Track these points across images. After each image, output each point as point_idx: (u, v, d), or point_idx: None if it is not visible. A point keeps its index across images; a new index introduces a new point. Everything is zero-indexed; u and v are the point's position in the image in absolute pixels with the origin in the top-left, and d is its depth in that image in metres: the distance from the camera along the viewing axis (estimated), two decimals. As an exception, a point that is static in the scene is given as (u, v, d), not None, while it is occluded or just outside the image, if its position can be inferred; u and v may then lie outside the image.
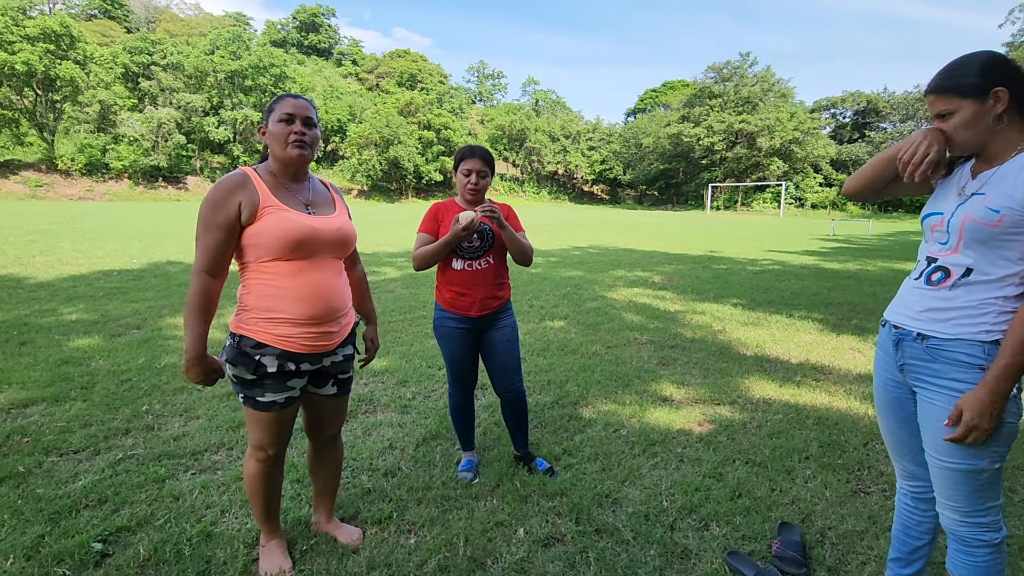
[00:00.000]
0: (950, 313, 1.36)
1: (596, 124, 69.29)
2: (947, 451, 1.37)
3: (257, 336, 1.65)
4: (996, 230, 1.29)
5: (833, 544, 2.11)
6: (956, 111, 1.33)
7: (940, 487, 1.43)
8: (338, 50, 79.41)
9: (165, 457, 2.64)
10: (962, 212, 1.35)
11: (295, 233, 1.62)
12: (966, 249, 1.35)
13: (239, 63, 44.05)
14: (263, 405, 1.71)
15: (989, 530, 1.40)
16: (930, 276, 1.42)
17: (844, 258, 12.49)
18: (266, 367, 1.66)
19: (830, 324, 5.71)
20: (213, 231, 1.60)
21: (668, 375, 4.02)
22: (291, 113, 1.68)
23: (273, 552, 1.91)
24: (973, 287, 1.34)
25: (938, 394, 1.38)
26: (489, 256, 2.35)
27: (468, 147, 2.35)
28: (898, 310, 1.51)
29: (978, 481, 1.36)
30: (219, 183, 1.63)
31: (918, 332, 1.41)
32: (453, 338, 2.40)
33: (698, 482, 2.52)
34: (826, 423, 3.19)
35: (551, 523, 2.20)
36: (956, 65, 1.35)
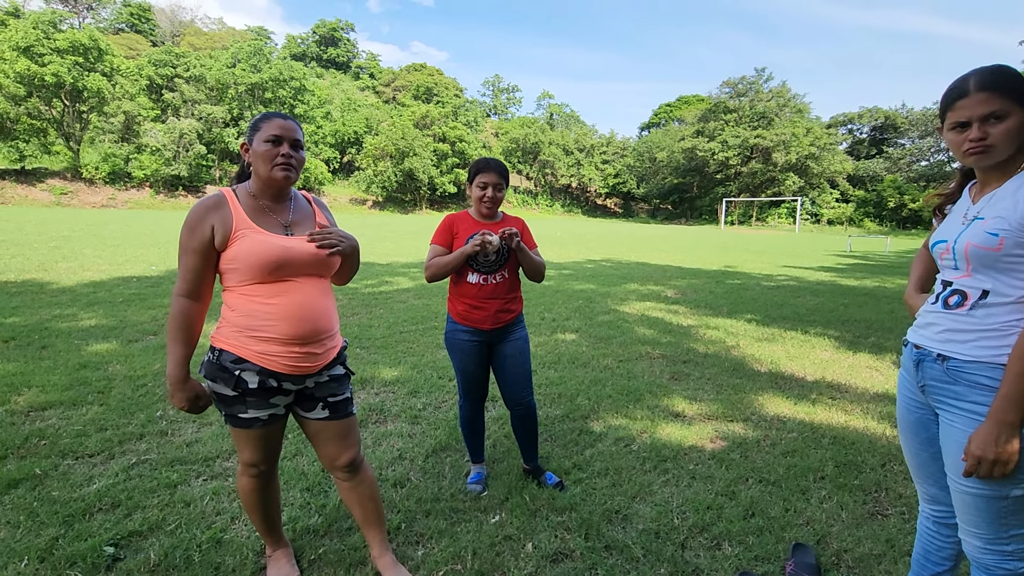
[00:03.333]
0: (970, 335, 1.33)
1: (610, 138, 69.51)
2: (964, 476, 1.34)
3: (237, 351, 1.60)
4: (999, 253, 1.28)
5: (849, 567, 2.06)
6: (1010, 114, 1.26)
7: (962, 512, 1.39)
8: (356, 63, 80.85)
9: (178, 463, 2.66)
10: (964, 238, 1.35)
11: (269, 256, 1.57)
12: (977, 273, 1.34)
13: (259, 76, 45.02)
14: (245, 422, 1.66)
15: (1014, 559, 1.35)
16: (947, 299, 1.40)
17: (861, 275, 12.32)
18: (247, 383, 1.60)
19: (847, 342, 5.62)
20: (189, 254, 1.59)
21: (680, 390, 3.97)
22: (278, 135, 1.63)
23: (279, 562, 1.91)
24: (992, 309, 1.31)
25: (959, 417, 1.35)
26: (504, 271, 2.35)
27: (483, 160, 2.35)
28: (919, 331, 1.48)
29: (1002, 507, 1.32)
30: (195, 205, 1.61)
31: (939, 353, 1.39)
32: (465, 350, 2.39)
33: (710, 500, 2.48)
34: (842, 442, 3.12)
35: (560, 538, 2.18)
36: (1003, 69, 1.30)
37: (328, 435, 1.80)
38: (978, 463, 1.26)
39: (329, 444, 1.81)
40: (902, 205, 43.29)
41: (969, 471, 1.28)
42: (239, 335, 1.60)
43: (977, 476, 1.28)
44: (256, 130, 1.65)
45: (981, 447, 1.25)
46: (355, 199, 51.10)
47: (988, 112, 1.28)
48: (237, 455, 1.81)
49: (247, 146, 1.67)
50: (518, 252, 2.30)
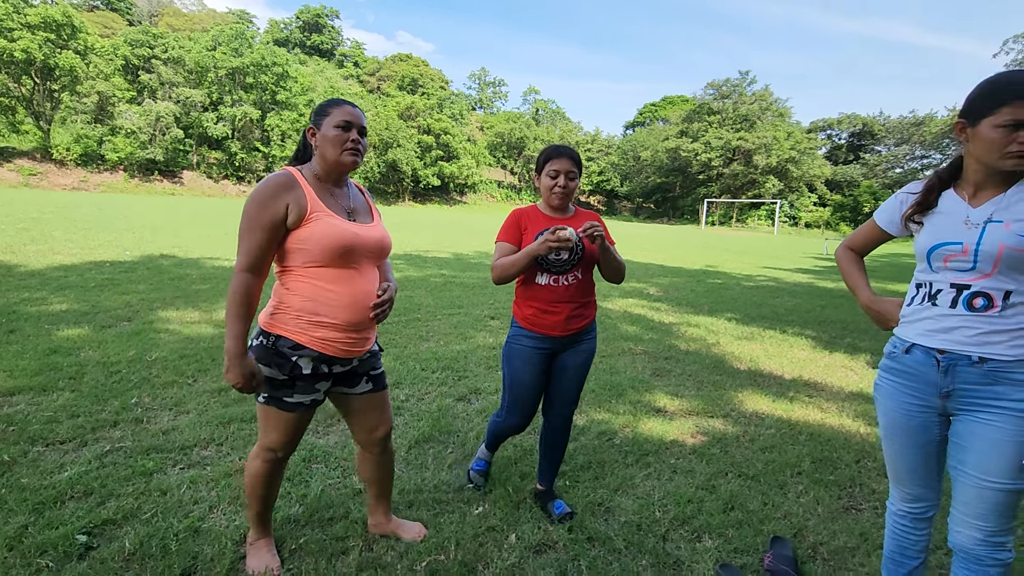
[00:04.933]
0: (1005, 335, 1.36)
1: (595, 135, 69.75)
2: (996, 472, 1.37)
3: (296, 337, 1.64)
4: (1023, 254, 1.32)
5: (825, 560, 2.11)
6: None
7: (971, 506, 1.43)
8: (340, 51, 79.55)
9: (153, 451, 2.60)
10: (992, 240, 1.35)
11: (342, 241, 1.63)
12: (1000, 275, 1.36)
13: (240, 60, 43.97)
14: (289, 406, 1.69)
15: (1004, 550, 1.41)
16: (971, 302, 1.40)
17: (837, 277, 12.58)
18: (301, 368, 1.65)
19: (823, 342, 5.75)
20: (258, 231, 1.58)
21: (662, 386, 4.02)
22: (349, 121, 1.68)
23: (261, 550, 1.89)
24: (1018, 308, 1.36)
25: (1000, 415, 1.37)
26: (577, 271, 2.10)
27: (553, 146, 2.11)
28: (940, 335, 1.45)
29: (1011, 502, 1.39)
30: (266, 182, 1.61)
31: (979, 356, 1.39)
32: (526, 359, 2.14)
33: (691, 493, 2.51)
34: (819, 439, 3.19)
35: (543, 530, 2.18)
36: None
37: (371, 407, 1.90)
38: None
39: (371, 416, 1.90)
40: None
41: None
42: (298, 321, 1.64)
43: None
44: (325, 115, 1.69)
45: None
46: (337, 189, 50.46)
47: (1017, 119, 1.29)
48: (260, 437, 1.77)
49: (314, 130, 1.70)
50: (601, 251, 2.05)
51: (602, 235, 1.97)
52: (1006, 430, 1.36)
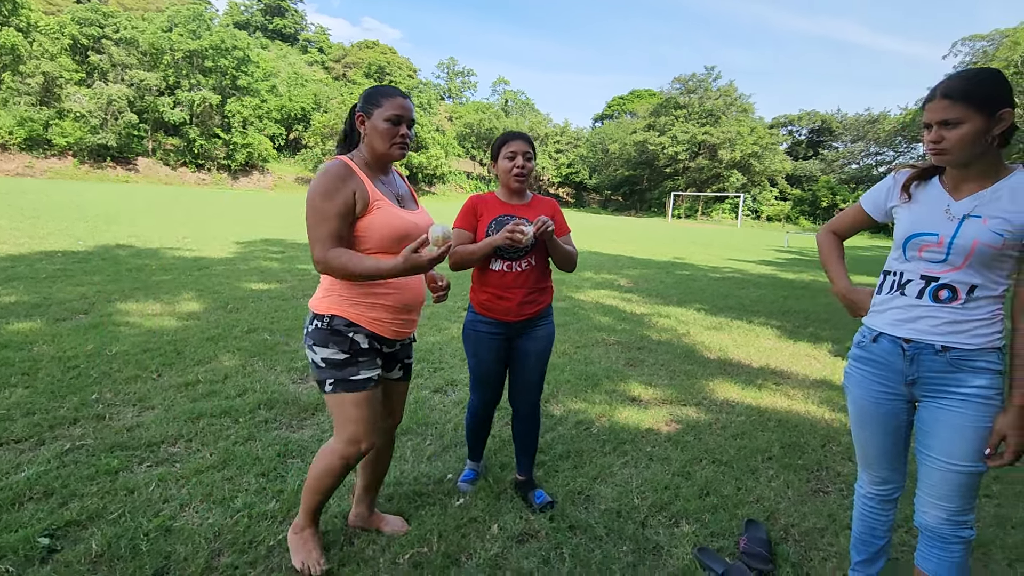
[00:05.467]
0: (968, 326, 1.42)
1: (564, 127, 69.89)
2: (961, 455, 1.43)
3: (350, 316, 1.67)
4: (998, 251, 1.37)
5: (796, 541, 2.18)
6: (964, 122, 1.34)
7: (936, 488, 1.49)
8: (304, 36, 77.20)
9: (118, 448, 2.49)
10: (967, 235, 1.39)
11: (401, 229, 1.68)
12: (970, 269, 1.41)
13: (199, 43, 42.19)
14: (359, 384, 1.69)
15: (966, 527, 1.48)
16: (936, 294, 1.45)
17: (798, 269, 13.01)
18: (359, 343, 1.68)
19: (787, 331, 5.94)
20: (331, 219, 1.59)
21: (636, 375, 4.08)
22: (400, 115, 1.68)
23: (308, 543, 1.83)
24: (980, 302, 1.42)
25: (962, 402, 1.43)
26: (531, 256, 2.14)
27: (508, 132, 2.18)
28: (907, 325, 1.50)
29: (973, 483, 1.46)
30: (326, 173, 1.61)
31: (942, 345, 1.44)
32: (483, 344, 2.20)
33: (667, 480, 2.56)
34: (787, 425, 3.30)
35: (525, 519, 2.19)
36: (971, 75, 1.37)
37: (396, 393, 1.96)
38: (1017, 454, 1.37)
39: (394, 402, 1.97)
40: (834, 205, 45.88)
41: (1008, 461, 1.38)
42: (351, 301, 1.67)
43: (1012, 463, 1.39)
44: (377, 105, 1.68)
45: (1019, 434, 1.36)
46: (301, 178, 49.14)
47: (942, 119, 1.37)
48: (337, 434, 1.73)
49: (363, 117, 1.70)
50: (548, 243, 2.10)
51: (551, 229, 2.02)
52: (968, 416, 1.42)
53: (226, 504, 2.13)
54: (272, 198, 33.13)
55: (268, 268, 7.64)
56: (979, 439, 1.42)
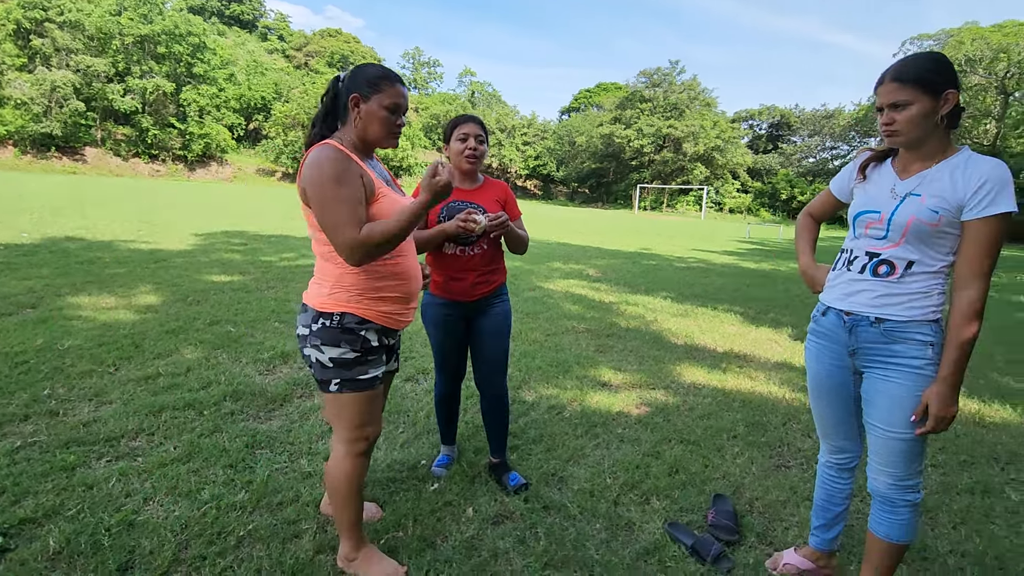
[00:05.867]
0: (902, 299, 1.49)
1: (531, 120, 69.84)
2: (897, 423, 1.51)
3: (361, 313, 1.60)
4: (936, 228, 1.44)
5: (760, 513, 2.27)
6: (912, 103, 1.42)
7: (881, 455, 1.57)
8: (263, 23, 74.68)
9: (74, 444, 2.39)
10: (905, 212, 1.47)
11: None
12: (907, 245, 1.48)
13: (150, 27, 40.27)
14: (366, 383, 1.63)
15: (912, 491, 1.56)
16: (876, 269, 1.53)
17: (759, 258, 13.41)
18: (370, 341, 1.62)
19: (750, 317, 6.12)
20: (354, 203, 1.48)
21: (606, 361, 4.14)
22: (400, 104, 1.60)
23: (373, 559, 1.75)
24: (917, 276, 1.48)
25: (894, 371, 1.51)
26: (483, 242, 2.17)
27: (460, 115, 2.20)
28: (848, 298, 1.59)
29: (915, 449, 1.52)
30: (329, 158, 1.48)
31: (876, 317, 1.52)
32: (440, 324, 2.24)
33: (638, 460, 2.62)
34: (750, 405, 3.41)
35: (500, 502, 2.21)
36: (917, 59, 1.45)
37: (387, 383, 1.91)
38: (939, 421, 1.43)
39: (386, 391, 1.90)
40: (792, 197, 47.40)
41: (929, 429, 1.45)
42: (360, 297, 1.59)
43: (935, 431, 1.45)
44: (377, 90, 1.57)
45: (942, 408, 1.43)
46: (262, 170, 47.72)
47: (892, 101, 1.45)
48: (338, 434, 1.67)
49: (359, 99, 1.57)
50: (505, 234, 2.17)
51: (508, 227, 2.09)
52: (905, 385, 1.50)
53: (192, 496, 2.08)
54: (232, 190, 32.07)
55: (230, 260, 7.41)
56: (911, 408, 1.49)
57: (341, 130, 1.63)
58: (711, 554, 1.91)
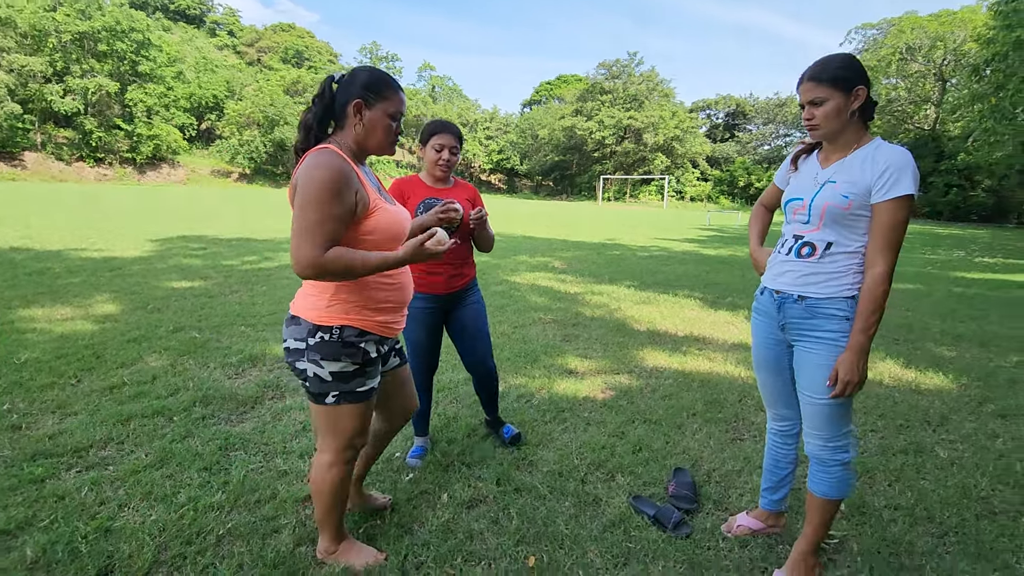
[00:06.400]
0: (821, 277, 1.65)
1: (493, 113, 69.73)
2: (819, 390, 1.66)
3: (361, 325, 1.59)
4: (848, 212, 1.59)
5: (717, 482, 2.43)
6: (828, 100, 1.58)
7: (809, 419, 1.73)
8: (211, 18, 72.01)
9: (40, 456, 2.37)
10: (822, 198, 1.63)
11: (402, 228, 1.65)
12: (826, 228, 1.64)
13: (89, 24, 38.39)
14: (363, 395, 1.64)
15: (842, 451, 1.72)
16: (800, 250, 1.69)
17: (718, 245, 13.85)
18: (369, 353, 1.63)
19: (709, 302, 6.37)
20: (333, 222, 1.44)
21: (572, 350, 4.28)
22: (402, 112, 1.61)
23: (353, 548, 1.81)
24: (836, 256, 1.64)
25: (816, 343, 1.67)
26: (455, 237, 2.29)
27: (438, 122, 2.33)
28: (777, 279, 1.76)
29: (838, 412, 1.68)
30: (331, 169, 1.44)
31: (798, 295, 1.68)
32: (417, 318, 2.35)
33: (604, 441, 2.75)
34: (708, 385, 3.60)
35: (473, 487, 2.31)
36: (830, 60, 1.61)
37: (401, 380, 1.92)
38: (847, 386, 1.58)
39: (404, 388, 1.93)
40: (750, 184, 48.91)
41: (838, 393, 1.60)
42: (361, 309, 1.59)
43: (843, 395, 1.60)
44: (382, 98, 1.56)
45: (849, 373, 1.57)
46: (218, 171, 46.25)
47: (811, 98, 1.61)
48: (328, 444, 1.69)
49: (361, 105, 1.54)
50: (481, 230, 2.34)
51: (487, 219, 2.31)
52: (823, 355, 1.66)
53: (168, 500, 2.10)
54: (186, 193, 31.02)
55: (189, 265, 7.25)
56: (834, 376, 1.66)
57: (338, 135, 1.59)
58: (672, 521, 2.06)
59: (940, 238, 19.36)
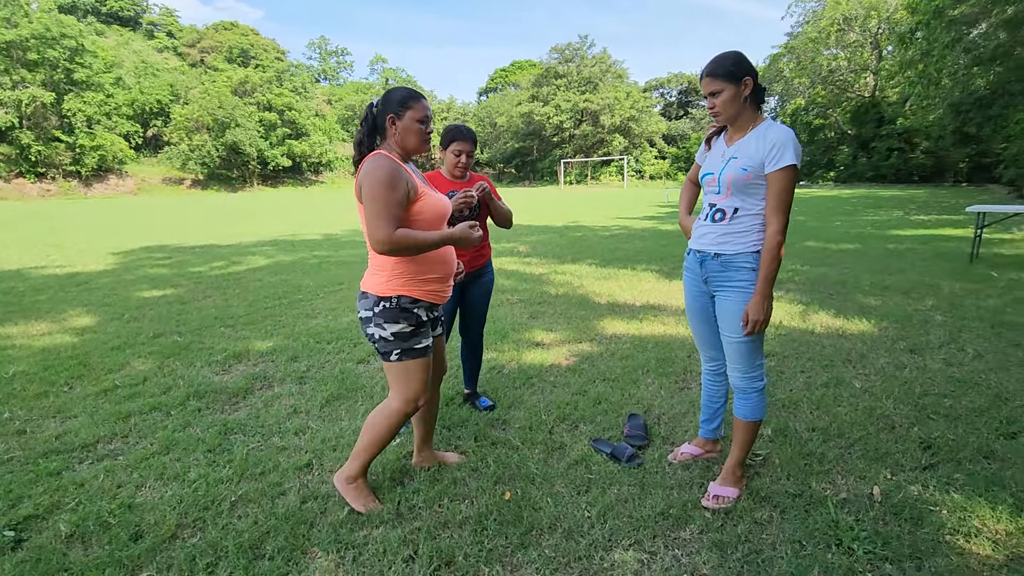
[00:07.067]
0: (731, 237, 2.00)
1: (450, 103, 69.23)
2: (736, 331, 2.02)
3: (412, 293, 1.96)
4: (748, 182, 1.94)
5: (666, 423, 2.81)
6: (723, 91, 1.93)
7: (730, 356, 2.09)
8: (147, 19, 68.86)
9: (51, 453, 2.56)
10: (727, 171, 1.98)
11: (442, 210, 2.02)
12: (733, 196, 1.99)
13: (16, 32, 36.39)
14: (421, 351, 2.01)
15: (757, 380, 2.09)
16: (714, 216, 2.04)
17: (675, 221, 14.36)
18: (421, 316, 2.00)
19: (665, 273, 6.80)
20: (396, 207, 1.83)
21: (538, 325, 4.61)
22: (427, 116, 1.96)
23: (362, 491, 2.14)
24: (742, 219, 1.98)
25: (731, 292, 2.02)
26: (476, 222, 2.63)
27: (456, 128, 2.65)
28: (698, 240, 2.12)
29: (751, 348, 2.05)
30: (384, 168, 1.82)
31: (715, 252, 2.03)
32: None
33: (568, 399, 3.10)
34: (661, 345, 3.99)
35: (454, 445, 2.61)
36: (721, 58, 1.94)
37: (438, 348, 2.31)
38: (756, 325, 1.93)
39: (439, 355, 2.31)
40: (706, 159, 50.19)
41: (750, 331, 1.95)
42: (411, 280, 1.97)
43: (754, 332, 1.95)
44: (407, 108, 1.93)
45: (756, 313, 1.93)
46: (169, 178, 44.78)
47: (710, 91, 1.95)
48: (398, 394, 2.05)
49: (394, 119, 1.93)
50: (489, 202, 2.70)
51: (488, 191, 2.68)
52: (737, 302, 2.02)
53: (181, 478, 2.34)
54: (139, 203, 30.05)
55: (158, 275, 7.28)
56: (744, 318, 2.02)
57: (384, 144, 1.99)
58: (626, 455, 2.41)
59: (882, 200, 20.45)
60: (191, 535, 1.99)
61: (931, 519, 1.98)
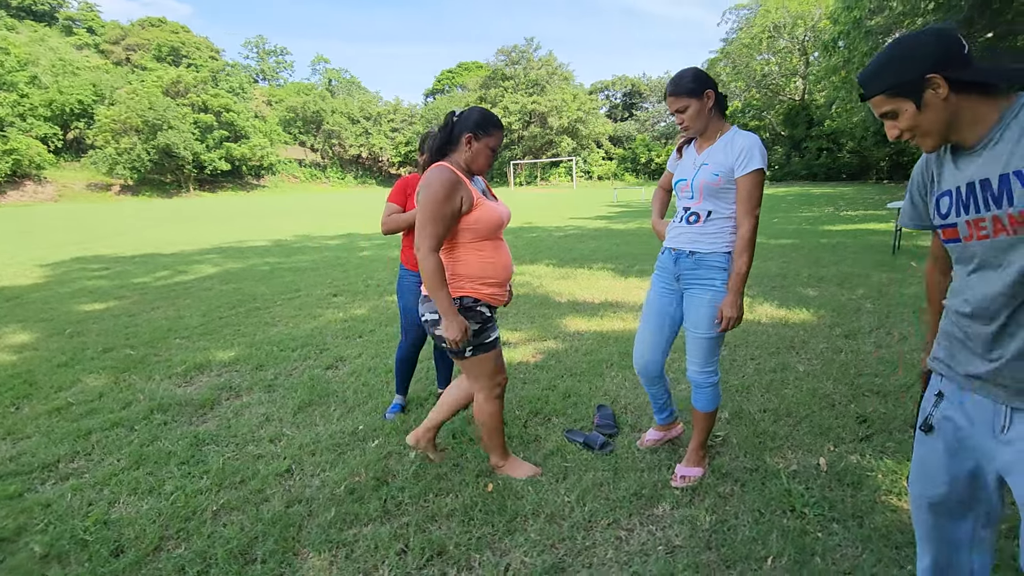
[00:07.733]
0: (705, 238, 2.15)
1: (396, 105, 68.21)
2: (701, 327, 2.17)
3: (474, 294, 2.11)
4: (719, 186, 2.10)
5: (632, 412, 2.98)
6: (688, 107, 2.07)
7: (691, 351, 2.25)
8: (64, 14, 64.31)
9: (8, 476, 2.46)
10: (699, 177, 2.12)
11: (499, 219, 2.15)
12: (705, 200, 2.14)
13: (-87, 25, 33.29)
14: (492, 343, 2.18)
15: (712, 375, 2.26)
16: (688, 219, 2.19)
17: (627, 219, 14.86)
18: (484, 313, 2.15)
19: (620, 271, 7.06)
20: (442, 220, 1.98)
21: (504, 325, 4.72)
22: (500, 144, 2.14)
23: (515, 462, 2.38)
24: (715, 221, 2.14)
25: (703, 289, 2.17)
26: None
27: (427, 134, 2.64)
28: (673, 240, 2.25)
29: (712, 346, 2.21)
30: (442, 182, 1.97)
31: (690, 251, 2.18)
32: (414, 292, 2.79)
33: (539, 394, 3.22)
34: (622, 340, 4.18)
35: (435, 444, 2.68)
36: (680, 76, 2.08)
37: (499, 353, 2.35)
38: (730, 322, 2.09)
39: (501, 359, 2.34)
40: (651, 160, 51.73)
41: (724, 327, 2.11)
42: (473, 283, 2.11)
43: (728, 328, 2.11)
44: (488, 134, 2.10)
45: (730, 311, 2.08)
46: (95, 184, 41.97)
47: (676, 108, 2.10)
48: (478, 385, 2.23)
49: (472, 138, 2.07)
50: None
51: None
52: (706, 299, 2.18)
53: (156, 492, 2.31)
54: (61, 211, 28.05)
55: (97, 287, 6.91)
56: (711, 315, 2.17)
57: (453, 155, 2.12)
58: (598, 443, 2.56)
59: (814, 197, 21.77)
60: (176, 546, 1.98)
61: (869, 483, 2.22)
